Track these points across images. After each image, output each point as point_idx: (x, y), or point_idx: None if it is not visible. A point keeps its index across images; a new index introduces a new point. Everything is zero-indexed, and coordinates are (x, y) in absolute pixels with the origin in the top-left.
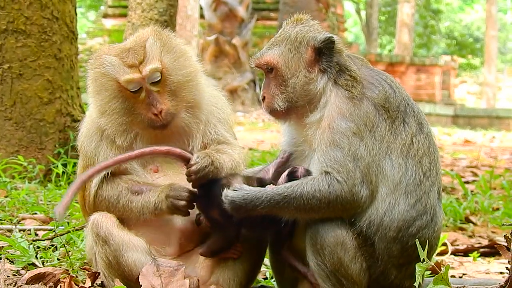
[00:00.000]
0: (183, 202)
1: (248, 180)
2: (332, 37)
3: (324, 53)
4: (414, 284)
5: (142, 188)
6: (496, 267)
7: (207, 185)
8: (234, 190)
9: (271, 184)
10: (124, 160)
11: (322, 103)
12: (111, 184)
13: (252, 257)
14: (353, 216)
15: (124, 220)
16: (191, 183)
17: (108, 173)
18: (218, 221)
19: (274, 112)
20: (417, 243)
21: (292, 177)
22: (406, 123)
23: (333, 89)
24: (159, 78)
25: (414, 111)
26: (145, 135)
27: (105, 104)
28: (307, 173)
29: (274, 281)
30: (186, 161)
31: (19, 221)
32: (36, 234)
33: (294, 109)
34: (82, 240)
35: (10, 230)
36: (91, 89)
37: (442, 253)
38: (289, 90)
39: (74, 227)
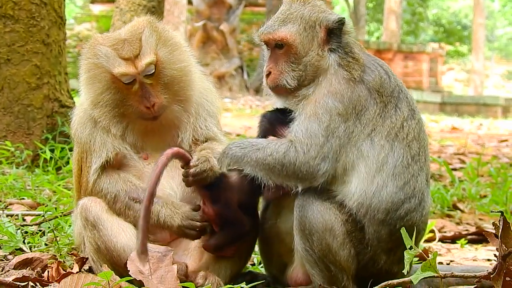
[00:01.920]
0: (194, 232)
1: None
2: (344, 18)
3: (336, 33)
4: (402, 271)
5: (140, 197)
6: (483, 254)
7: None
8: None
9: None
10: (160, 173)
11: (319, 79)
12: (109, 178)
13: (242, 245)
14: (312, 188)
15: None
16: (185, 182)
17: (109, 161)
18: (227, 217)
19: (278, 88)
20: (403, 230)
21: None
22: (398, 108)
23: (336, 68)
24: (153, 71)
25: (407, 98)
26: (136, 125)
27: (98, 96)
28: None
29: (262, 267)
30: (187, 162)
31: (7, 206)
32: (24, 219)
33: (300, 87)
34: (70, 226)
35: None
36: (83, 79)
37: (430, 240)
38: (301, 68)
39: (62, 212)
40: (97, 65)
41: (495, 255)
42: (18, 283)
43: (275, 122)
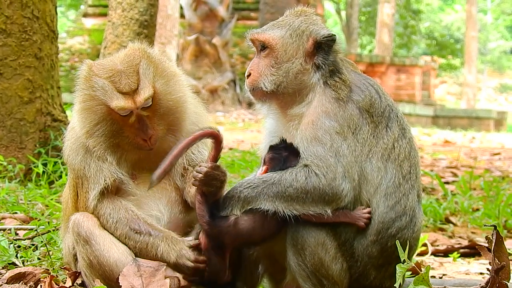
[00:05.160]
0: (188, 271)
1: None
2: (335, 35)
3: (323, 49)
4: (394, 285)
5: (141, 228)
6: (476, 267)
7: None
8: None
9: None
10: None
11: (308, 98)
12: (112, 204)
13: (232, 257)
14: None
15: None
16: (193, 178)
17: (108, 188)
18: (211, 260)
19: (256, 91)
20: (398, 244)
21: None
22: (389, 128)
23: (322, 87)
24: (151, 103)
25: (397, 117)
26: (129, 154)
27: (93, 126)
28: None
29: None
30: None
31: None
32: (17, 234)
33: (280, 95)
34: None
35: None
36: (78, 109)
37: (422, 254)
38: (281, 74)
39: (54, 226)
40: (93, 97)
41: (487, 269)
42: None
43: (288, 153)
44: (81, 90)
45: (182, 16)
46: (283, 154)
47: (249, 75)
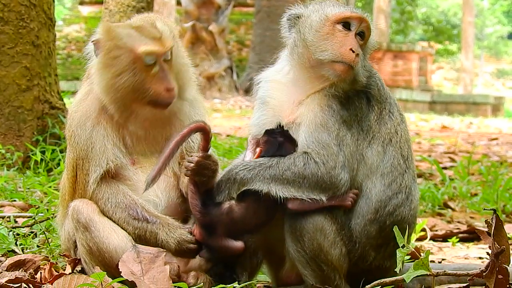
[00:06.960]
0: (191, 254)
1: None
2: None
3: None
4: (395, 270)
5: (138, 214)
6: (475, 252)
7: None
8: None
9: None
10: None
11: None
12: (110, 188)
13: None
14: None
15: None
16: (185, 168)
17: (110, 172)
18: (211, 247)
19: (351, 73)
20: (396, 229)
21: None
22: (392, 113)
23: None
24: (170, 57)
25: (395, 103)
26: (139, 114)
27: (114, 77)
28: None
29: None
30: (205, 144)
31: None
32: (16, 221)
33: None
34: None
35: None
36: (99, 65)
37: (421, 239)
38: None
39: (53, 214)
40: (118, 46)
41: (487, 253)
42: (11, 284)
43: (284, 139)
44: (104, 42)
45: (178, 3)
46: (278, 139)
47: (358, 54)
